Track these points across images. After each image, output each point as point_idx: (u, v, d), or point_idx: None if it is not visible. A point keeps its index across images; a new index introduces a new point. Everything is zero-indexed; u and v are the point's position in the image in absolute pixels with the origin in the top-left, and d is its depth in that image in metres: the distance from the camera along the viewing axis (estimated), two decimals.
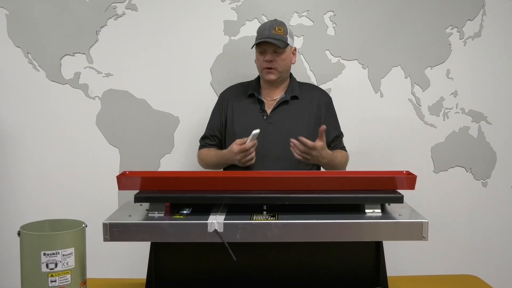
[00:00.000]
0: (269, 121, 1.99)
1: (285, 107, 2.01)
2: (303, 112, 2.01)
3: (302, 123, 1.99)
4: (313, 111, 2.02)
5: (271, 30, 1.94)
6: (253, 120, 1.99)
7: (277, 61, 1.96)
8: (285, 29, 1.98)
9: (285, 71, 2.01)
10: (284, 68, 2.00)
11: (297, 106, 2.02)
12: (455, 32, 2.50)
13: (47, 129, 2.42)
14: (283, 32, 1.96)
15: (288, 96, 2.02)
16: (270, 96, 2.05)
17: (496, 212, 2.58)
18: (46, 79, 2.40)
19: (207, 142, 2.13)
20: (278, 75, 1.99)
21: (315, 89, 2.15)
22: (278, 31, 1.95)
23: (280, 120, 1.99)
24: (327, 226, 1.35)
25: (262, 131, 1.87)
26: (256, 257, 1.51)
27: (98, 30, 2.40)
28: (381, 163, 2.47)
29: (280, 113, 2.00)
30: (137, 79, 2.43)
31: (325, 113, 2.04)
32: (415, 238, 1.36)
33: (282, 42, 1.94)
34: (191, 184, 1.48)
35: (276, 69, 1.97)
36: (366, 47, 2.47)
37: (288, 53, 2.00)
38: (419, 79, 2.50)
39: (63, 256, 1.25)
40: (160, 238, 1.37)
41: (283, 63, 1.98)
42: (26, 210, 2.42)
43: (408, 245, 2.46)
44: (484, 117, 2.54)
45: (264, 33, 1.95)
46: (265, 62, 1.97)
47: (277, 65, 1.97)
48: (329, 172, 1.65)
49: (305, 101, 2.03)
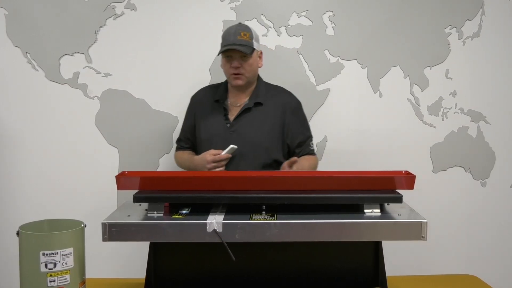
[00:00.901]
0: (232, 129, 1.99)
1: (248, 115, 2.01)
2: (266, 119, 2.01)
3: (264, 131, 1.99)
4: (276, 117, 2.02)
5: (236, 36, 1.93)
6: (217, 127, 2.01)
7: (244, 66, 1.96)
8: (251, 33, 1.97)
9: (252, 76, 2.02)
10: (252, 73, 2.00)
11: (260, 113, 2.01)
12: (454, 32, 2.50)
13: (46, 129, 2.42)
14: (248, 37, 1.95)
15: (251, 103, 2.02)
16: (236, 101, 2.05)
17: (495, 212, 2.58)
18: (45, 79, 2.40)
19: (182, 145, 2.17)
20: (246, 80, 1.99)
21: (282, 93, 2.11)
22: (244, 36, 1.94)
23: (242, 129, 1.99)
24: (326, 226, 1.35)
25: (224, 138, 1.94)
26: (255, 257, 1.51)
27: (97, 30, 2.40)
28: (380, 163, 2.47)
29: (242, 121, 2.00)
30: (136, 79, 2.43)
31: (290, 119, 2.03)
32: (414, 238, 1.36)
33: (248, 48, 1.94)
34: (190, 184, 1.48)
35: (243, 74, 1.97)
36: (365, 47, 2.47)
37: (255, 57, 2.00)
38: (418, 79, 2.51)
39: (62, 256, 1.25)
40: (159, 238, 1.37)
41: (250, 68, 1.98)
42: (25, 210, 2.42)
43: (407, 245, 2.46)
44: (483, 117, 2.54)
45: (230, 39, 1.94)
46: (232, 68, 1.96)
47: (244, 70, 1.96)
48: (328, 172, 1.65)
49: (269, 107, 2.03)
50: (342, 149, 2.50)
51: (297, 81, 2.46)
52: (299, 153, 2.05)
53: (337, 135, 2.50)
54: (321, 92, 2.48)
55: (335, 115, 2.49)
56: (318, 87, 2.48)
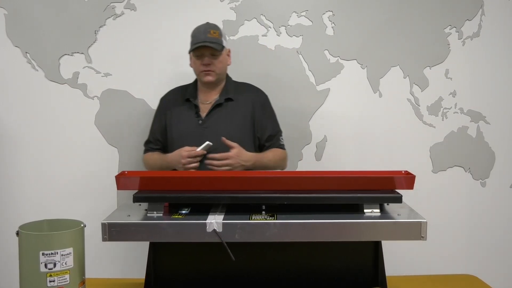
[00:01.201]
0: (204, 125, 2.02)
1: (219, 110, 2.04)
2: (237, 114, 2.04)
3: (236, 125, 2.02)
4: (247, 112, 2.05)
5: (206, 34, 1.98)
6: (189, 125, 2.04)
7: (215, 63, 2.00)
8: (220, 31, 2.03)
9: (222, 73, 2.07)
10: (222, 70, 2.05)
11: (231, 108, 2.05)
12: (454, 32, 2.50)
13: (46, 129, 2.42)
14: (218, 35, 2.00)
15: (222, 99, 2.05)
16: (206, 99, 2.08)
17: (494, 212, 2.58)
18: (45, 79, 2.40)
19: (151, 146, 2.17)
20: (216, 77, 2.03)
21: (250, 89, 2.15)
22: (214, 34, 1.99)
23: (214, 124, 2.02)
24: (326, 226, 1.35)
25: (197, 135, 1.96)
26: (255, 257, 1.51)
27: (97, 30, 2.40)
28: (379, 163, 2.47)
29: (214, 116, 2.03)
30: (136, 78, 2.43)
31: (259, 113, 2.07)
32: (413, 238, 1.37)
33: (218, 45, 1.99)
34: (190, 184, 1.48)
35: (214, 71, 2.01)
36: (365, 47, 2.47)
37: (224, 55, 2.05)
38: (418, 79, 2.51)
39: (62, 256, 1.25)
40: (159, 238, 1.37)
41: (220, 65, 2.03)
42: (25, 210, 2.42)
43: (407, 245, 2.45)
44: (483, 117, 2.54)
45: (200, 37, 1.98)
46: (203, 66, 2.00)
47: (215, 67, 2.01)
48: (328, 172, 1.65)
49: (239, 102, 2.06)
50: (341, 149, 2.50)
51: (296, 81, 2.46)
52: (269, 146, 2.08)
53: (336, 135, 2.50)
54: (321, 92, 2.48)
55: (335, 115, 2.49)
56: (318, 87, 2.48)
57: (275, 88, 2.44)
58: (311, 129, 2.49)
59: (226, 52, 2.07)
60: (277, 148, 2.10)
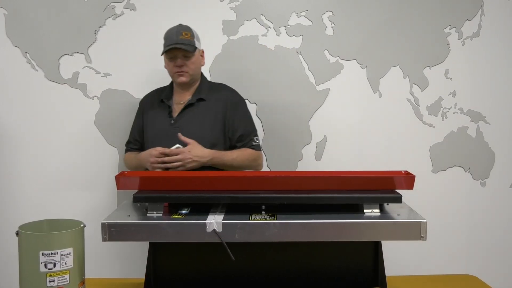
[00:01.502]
0: (175, 125, 2.04)
1: (190, 110, 2.06)
2: (208, 113, 2.05)
3: (206, 125, 2.03)
4: (218, 112, 2.06)
5: (178, 36, 1.99)
6: (162, 125, 2.07)
7: (188, 65, 2.02)
8: (192, 33, 2.04)
9: (196, 74, 2.08)
10: (195, 71, 2.07)
11: (203, 108, 2.06)
12: (454, 32, 2.50)
13: (46, 129, 2.42)
14: (190, 37, 2.02)
15: (194, 99, 2.07)
16: (180, 99, 2.10)
17: (494, 212, 2.58)
18: (45, 79, 2.40)
19: (130, 147, 2.21)
20: (190, 78, 2.05)
21: (224, 89, 2.16)
22: (185, 36, 2.01)
23: (185, 124, 2.03)
24: (325, 226, 1.35)
25: (169, 134, 1.99)
26: (255, 257, 1.51)
27: (97, 30, 2.40)
28: (379, 163, 2.47)
29: (185, 116, 2.05)
30: (136, 78, 2.43)
31: (230, 113, 2.07)
32: (413, 238, 1.37)
33: (191, 47, 2.01)
34: (190, 184, 1.48)
35: (187, 72, 2.03)
36: (365, 47, 2.47)
37: (197, 56, 2.06)
38: (417, 79, 2.51)
39: (62, 256, 1.25)
40: (159, 238, 1.37)
41: (193, 66, 2.04)
42: (25, 210, 2.41)
43: (406, 245, 2.46)
44: (483, 117, 2.54)
45: (172, 39, 1.99)
46: (176, 67, 2.02)
47: (188, 68, 2.03)
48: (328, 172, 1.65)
49: (211, 102, 2.07)
50: (341, 149, 2.50)
51: (296, 81, 2.46)
52: (240, 147, 2.08)
53: (336, 135, 2.50)
54: (321, 92, 2.48)
55: (335, 115, 2.49)
56: (318, 87, 2.48)
57: (275, 88, 2.45)
58: (311, 129, 2.49)
59: (199, 53, 2.09)
60: (249, 148, 2.08)
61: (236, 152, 2.03)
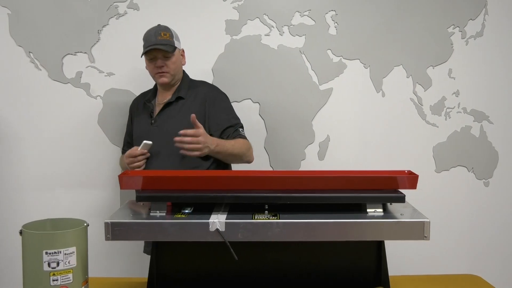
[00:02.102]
0: (155, 124, 2.06)
1: (169, 109, 2.07)
2: (186, 111, 2.02)
3: (184, 123, 1.97)
4: (196, 108, 2.03)
5: (157, 36, 1.99)
6: (143, 125, 2.11)
7: (168, 65, 2.03)
8: (171, 33, 2.04)
9: (176, 74, 2.08)
10: (176, 71, 2.07)
11: (181, 107, 2.06)
12: (457, 32, 2.49)
13: (49, 129, 2.42)
14: (169, 37, 2.02)
15: (173, 98, 2.07)
16: (161, 100, 2.12)
17: (497, 212, 2.57)
18: (48, 79, 2.41)
19: (124, 149, 2.23)
20: (171, 78, 2.06)
21: (202, 86, 2.14)
22: (164, 36, 2.01)
23: (164, 122, 2.05)
24: (328, 226, 1.35)
25: (149, 134, 2.02)
26: (258, 257, 1.51)
27: (100, 30, 2.40)
28: (382, 163, 2.47)
29: (164, 115, 2.07)
30: (139, 78, 2.43)
31: (210, 108, 2.06)
32: (416, 238, 1.36)
33: (170, 47, 2.01)
34: (193, 184, 1.48)
35: (168, 72, 2.04)
36: (368, 46, 2.47)
37: (177, 55, 2.06)
38: (421, 79, 2.50)
39: (65, 255, 1.25)
40: (162, 237, 1.37)
41: (174, 66, 2.04)
42: (28, 209, 2.42)
43: (409, 245, 2.46)
44: (486, 116, 2.54)
45: (151, 40, 2.00)
46: (157, 68, 2.03)
47: (168, 69, 2.03)
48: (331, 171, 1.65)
49: (190, 100, 2.08)
50: (344, 148, 2.50)
51: (299, 80, 2.46)
52: (227, 137, 2.04)
53: (339, 135, 2.50)
54: (324, 91, 2.48)
55: (338, 115, 2.49)
56: (321, 86, 2.47)
57: (278, 88, 2.45)
58: (314, 128, 2.49)
59: (180, 52, 2.09)
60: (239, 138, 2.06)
61: (232, 141, 2.00)
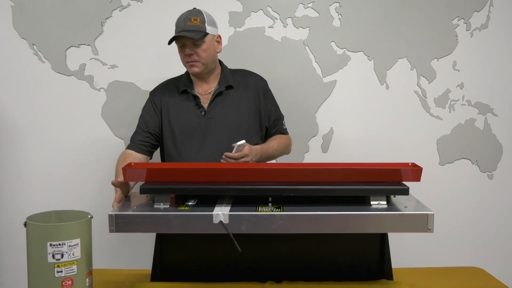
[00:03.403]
0: (208, 116, 1.91)
1: (221, 99, 1.94)
2: (240, 101, 1.95)
3: (242, 114, 1.93)
4: (250, 99, 1.96)
5: (186, 22, 1.85)
6: (191, 117, 1.92)
7: (198, 53, 1.86)
8: (202, 18, 1.87)
9: (210, 62, 1.91)
10: (208, 59, 1.90)
11: (233, 96, 1.95)
12: (462, 24, 2.47)
13: (53, 121, 2.43)
14: (199, 22, 1.85)
15: (222, 87, 1.94)
16: (204, 89, 1.96)
17: (501, 205, 2.56)
18: (52, 71, 2.40)
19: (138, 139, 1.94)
20: (203, 67, 1.90)
21: (249, 75, 2.04)
22: (194, 21, 1.85)
23: (219, 114, 1.92)
24: (332, 218, 1.35)
25: (201, 126, 1.88)
26: (261, 249, 1.51)
27: (103, 22, 2.39)
28: (386, 155, 2.46)
29: (217, 106, 1.93)
30: (142, 70, 2.43)
31: (262, 99, 1.99)
32: (420, 230, 1.36)
33: (198, 33, 1.84)
34: (197, 176, 1.48)
35: (198, 61, 1.88)
36: (372, 38, 2.45)
37: (210, 42, 1.89)
38: (425, 71, 2.49)
39: (69, 247, 1.25)
40: (166, 229, 1.37)
41: (205, 54, 1.87)
42: (32, 201, 2.43)
43: (413, 237, 2.45)
44: (491, 109, 2.52)
45: (180, 26, 1.86)
46: (186, 56, 1.88)
47: (198, 57, 1.87)
48: (335, 164, 1.64)
49: (240, 89, 1.96)
50: (348, 141, 2.49)
51: (303, 73, 2.45)
52: (274, 133, 2.04)
53: (343, 127, 2.49)
54: (328, 84, 2.47)
55: (342, 107, 2.48)
56: (325, 79, 2.46)
57: (282, 80, 2.44)
58: (318, 121, 2.48)
59: (214, 38, 1.91)
60: (281, 134, 2.05)
61: (275, 142, 1.98)
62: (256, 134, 1.98)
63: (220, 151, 1.82)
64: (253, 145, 1.87)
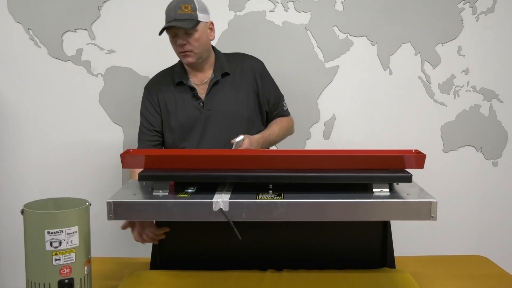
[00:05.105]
0: (206, 108, 1.85)
1: (218, 88, 1.87)
2: (238, 89, 1.89)
3: (240, 102, 1.88)
4: (248, 85, 1.90)
5: (177, 10, 1.76)
6: (189, 110, 1.86)
7: (191, 42, 1.78)
8: (193, 5, 1.78)
9: (204, 51, 1.83)
10: (201, 49, 1.81)
11: (230, 84, 1.88)
12: (468, 8, 2.43)
13: (49, 107, 2.40)
14: (190, 9, 1.76)
15: (218, 75, 1.87)
16: (199, 79, 1.89)
17: (506, 192, 2.55)
18: (48, 56, 2.37)
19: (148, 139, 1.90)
20: (197, 57, 1.82)
21: (244, 59, 1.96)
22: (185, 9, 1.76)
23: (218, 104, 1.86)
24: (334, 206, 1.33)
25: (201, 119, 1.83)
26: (262, 236, 1.50)
27: (100, 6, 2.36)
28: (389, 142, 2.44)
29: (215, 96, 1.87)
30: (140, 55, 2.40)
31: (260, 83, 1.92)
32: (423, 218, 1.34)
33: (189, 22, 1.75)
34: (196, 163, 1.46)
35: (192, 51, 1.79)
36: (375, 23, 2.41)
37: (202, 30, 1.80)
38: (429, 56, 2.45)
39: (67, 234, 1.24)
40: (165, 217, 1.36)
41: (198, 43, 1.79)
42: (30, 188, 2.42)
43: (416, 225, 2.44)
44: (496, 95, 2.49)
45: (170, 15, 1.77)
46: (179, 47, 1.80)
47: (191, 47, 1.78)
48: (337, 151, 1.62)
49: (237, 76, 1.89)
50: (350, 127, 2.47)
51: (305, 58, 2.42)
52: (275, 116, 1.99)
53: (345, 113, 2.47)
54: (330, 69, 2.44)
55: (344, 93, 2.45)
56: (327, 64, 2.43)
57: (283, 66, 2.41)
58: (320, 107, 2.46)
59: (207, 26, 1.83)
60: (282, 116, 2.00)
61: (277, 127, 1.94)
62: (257, 120, 1.94)
63: (221, 142, 1.80)
64: (255, 133, 1.85)
